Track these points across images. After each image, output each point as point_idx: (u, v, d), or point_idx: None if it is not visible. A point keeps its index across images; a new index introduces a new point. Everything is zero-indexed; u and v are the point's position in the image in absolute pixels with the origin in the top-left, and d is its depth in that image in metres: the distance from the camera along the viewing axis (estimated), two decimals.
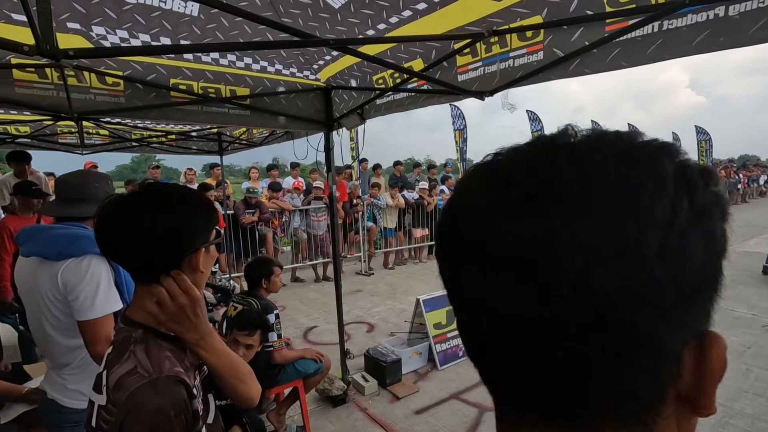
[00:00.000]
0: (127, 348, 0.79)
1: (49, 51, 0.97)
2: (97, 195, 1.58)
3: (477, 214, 0.30)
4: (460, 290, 0.33)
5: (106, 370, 0.77)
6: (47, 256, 1.46)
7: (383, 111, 2.78)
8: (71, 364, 1.53)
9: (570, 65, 1.64)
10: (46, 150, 4.77)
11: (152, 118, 2.69)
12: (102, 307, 1.43)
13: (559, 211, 0.27)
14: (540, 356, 0.29)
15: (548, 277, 0.27)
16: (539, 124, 11.52)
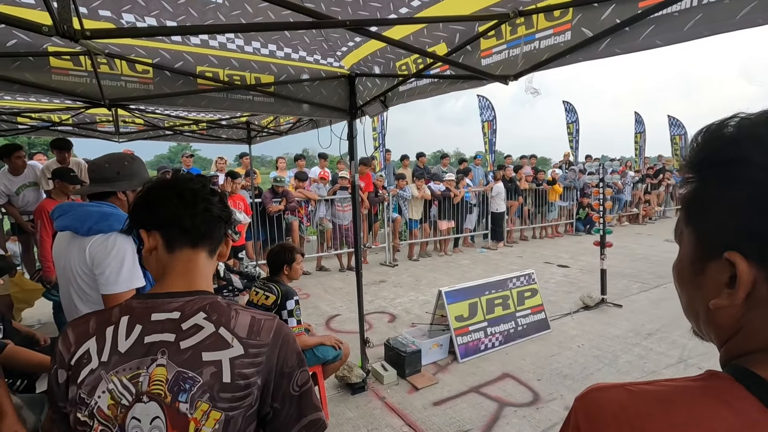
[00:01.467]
0: (225, 308, 0.83)
1: (67, 31, 1.00)
2: (128, 173, 1.65)
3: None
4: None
5: (223, 327, 0.80)
6: (78, 231, 1.53)
7: (406, 98, 2.74)
8: None
9: (599, 45, 1.54)
10: (85, 138, 5.00)
11: (180, 105, 2.75)
12: (126, 283, 1.49)
13: None
14: None
15: None
16: (575, 115, 11.10)
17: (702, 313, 0.47)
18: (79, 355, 0.79)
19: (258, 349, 0.79)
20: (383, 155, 8.58)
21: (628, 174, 11.93)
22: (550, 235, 10.53)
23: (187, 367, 0.76)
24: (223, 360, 0.77)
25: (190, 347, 0.77)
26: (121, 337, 0.79)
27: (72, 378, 0.78)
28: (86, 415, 0.76)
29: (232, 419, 0.75)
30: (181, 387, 0.75)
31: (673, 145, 15.35)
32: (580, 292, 5.54)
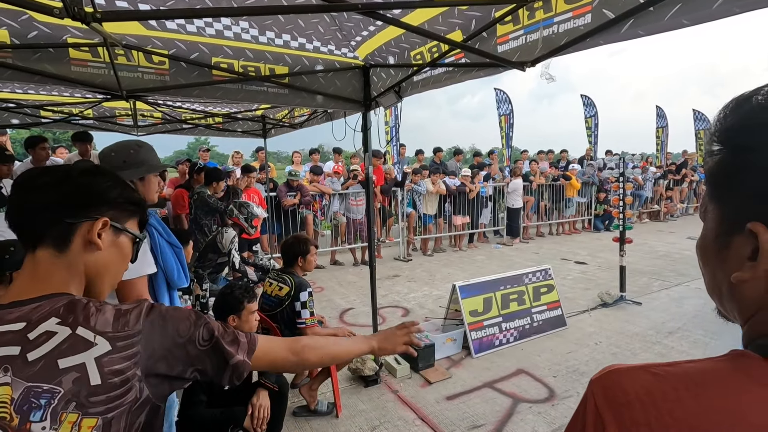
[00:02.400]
0: (84, 305, 0.75)
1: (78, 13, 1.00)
2: (135, 161, 1.65)
3: None
4: None
5: (81, 327, 0.72)
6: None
7: (420, 88, 2.70)
8: None
9: (622, 27, 1.48)
10: (106, 131, 5.11)
11: (195, 97, 2.77)
12: (136, 270, 1.49)
13: None
14: None
15: None
16: (593, 109, 10.83)
17: (725, 289, 0.47)
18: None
19: (129, 340, 0.71)
20: (396, 149, 8.54)
21: (649, 170, 11.62)
22: (568, 231, 10.34)
23: (39, 380, 0.65)
24: (86, 362, 0.68)
25: (41, 357, 0.66)
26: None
27: None
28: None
29: (113, 420, 0.68)
30: (33, 404, 0.64)
31: (698, 140, 14.88)
32: (598, 289, 5.42)
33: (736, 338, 0.49)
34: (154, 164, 1.71)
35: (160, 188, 1.79)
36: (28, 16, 2.14)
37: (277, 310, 2.76)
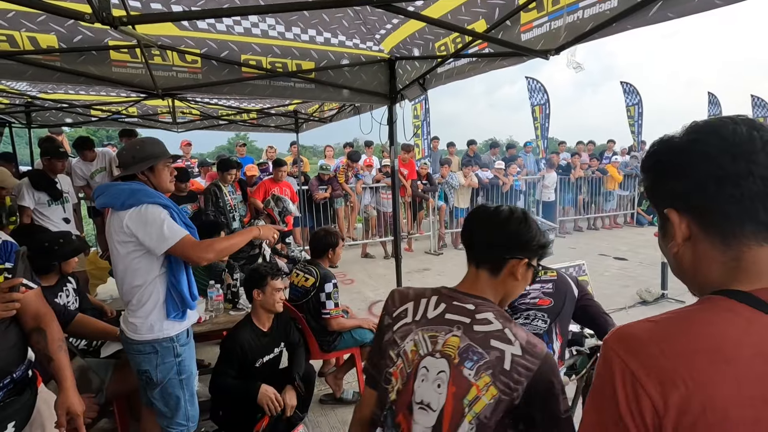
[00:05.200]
0: (507, 318, 0.99)
1: (106, 18, 1.08)
2: (141, 156, 1.80)
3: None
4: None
5: (507, 329, 0.95)
6: (115, 206, 1.73)
7: (444, 79, 2.67)
8: (131, 301, 1.80)
9: (650, 10, 1.40)
10: (148, 128, 5.40)
11: (225, 94, 2.88)
12: (173, 236, 1.69)
13: None
14: None
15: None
16: (636, 97, 10.23)
17: (677, 264, 0.65)
18: (399, 311, 1.07)
19: (531, 360, 0.91)
20: (427, 143, 8.46)
21: None
22: (608, 226, 9.91)
23: (477, 343, 0.94)
24: (505, 351, 0.92)
25: (481, 332, 0.96)
26: (430, 308, 1.03)
27: (391, 324, 1.07)
28: (395, 353, 1.03)
29: (502, 402, 0.90)
30: (469, 356, 0.93)
31: None
32: (638, 286, 5.18)
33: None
34: (159, 154, 1.84)
35: (172, 177, 1.92)
36: (73, 22, 2.29)
37: (302, 301, 2.83)
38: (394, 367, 1.02)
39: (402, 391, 0.99)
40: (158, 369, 1.83)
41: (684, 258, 0.62)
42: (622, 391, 0.53)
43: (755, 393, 0.49)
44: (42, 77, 2.39)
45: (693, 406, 0.49)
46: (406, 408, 0.97)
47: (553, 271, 1.89)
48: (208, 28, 2.55)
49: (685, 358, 0.52)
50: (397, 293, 1.13)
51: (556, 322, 1.78)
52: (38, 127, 5.43)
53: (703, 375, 0.50)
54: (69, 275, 2.58)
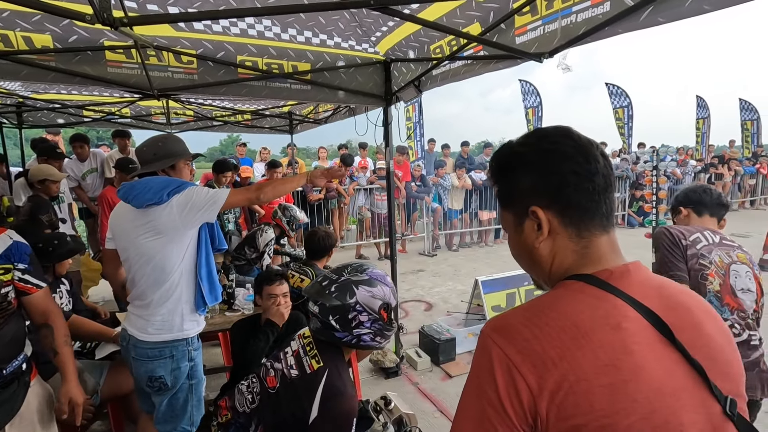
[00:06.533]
0: None
1: (107, 19, 1.08)
2: (163, 153, 1.79)
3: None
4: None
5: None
6: (161, 199, 1.67)
7: (439, 81, 2.70)
8: (152, 299, 1.75)
9: (641, 14, 1.44)
10: (142, 129, 5.36)
11: (222, 94, 2.88)
12: (221, 194, 1.72)
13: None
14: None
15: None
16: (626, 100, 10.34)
17: (533, 258, 0.70)
18: (692, 238, 1.71)
19: None
20: (420, 145, 8.49)
21: (689, 163, 11.07)
22: None
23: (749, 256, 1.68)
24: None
25: (743, 251, 1.76)
26: (713, 238, 1.73)
27: (689, 246, 1.70)
28: (706, 263, 1.66)
29: None
30: (752, 262, 1.72)
31: (744, 132, 14.03)
32: None
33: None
34: (181, 152, 1.84)
35: (192, 175, 1.91)
36: (68, 21, 2.28)
37: (299, 302, 2.84)
38: (708, 270, 1.66)
39: (723, 284, 1.65)
40: (173, 374, 1.79)
41: (543, 251, 0.68)
42: (501, 378, 0.57)
43: (607, 360, 0.55)
44: (37, 77, 2.38)
45: (563, 383, 0.54)
46: (729, 294, 1.65)
47: None
48: (204, 29, 2.55)
49: (552, 339, 0.57)
50: (676, 230, 1.75)
51: None
52: (29, 127, 5.37)
53: (568, 352, 0.56)
54: (62, 276, 2.56)
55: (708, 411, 0.58)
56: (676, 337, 0.59)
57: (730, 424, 0.59)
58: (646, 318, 0.59)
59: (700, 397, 0.58)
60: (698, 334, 0.62)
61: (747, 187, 12.59)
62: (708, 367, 0.59)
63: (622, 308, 0.59)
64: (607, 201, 0.66)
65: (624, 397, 0.54)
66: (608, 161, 0.67)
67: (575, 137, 0.67)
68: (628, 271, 0.64)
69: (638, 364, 0.56)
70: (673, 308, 0.62)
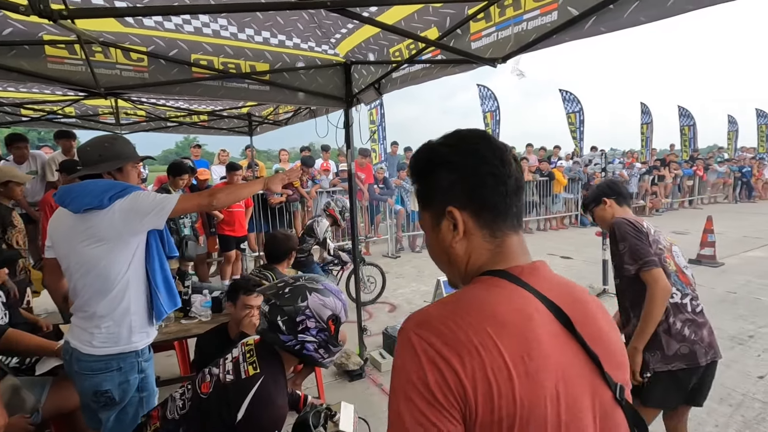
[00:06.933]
0: None
1: (44, 10, 1.01)
2: (110, 155, 1.70)
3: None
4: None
5: None
6: (102, 204, 1.57)
7: (399, 84, 2.73)
8: (95, 311, 1.64)
9: (585, 24, 1.52)
10: (89, 129, 5.06)
11: (175, 94, 2.77)
12: (170, 199, 1.62)
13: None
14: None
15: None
16: (577, 105, 10.91)
17: (449, 257, 0.72)
18: (646, 225, 1.86)
19: None
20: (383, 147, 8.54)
21: (635, 166, 11.78)
22: (554, 227, 10.47)
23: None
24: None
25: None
26: (652, 229, 1.91)
27: (649, 233, 1.83)
28: (662, 247, 1.83)
29: None
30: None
31: (682, 137, 15.13)
32: (582, 282, 5.51)
33: (718, 326, 0.64)
34: (129, 155, 1.74)
35: (140, 178, 1.82)
36: (2, 14, 2.12)
37: None
38: (665, 253, 1.81)
39: (676, 264, 1.84)
40: (121, 387, 1.68)
41: (458, 250, 0.71)
42: (428, 368, 0.57)
43: (523, 349, 0.58)
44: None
45: (487, 370, 0.57)
46: (681, 272, 1.84)
47: None
48: (156, 26, 2.45)
49: (474, 328, 0.59)
50: (633, 219, 1.87)
51: None
52: None
53: (490, 340, 0.58)
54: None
55: (601, 397, 0.63)
56: (576, 329, 0.63)
57: (618, 409, 0.64)
58: (551, 311, 0.63)
59: (595, 384, 0.63)
60: (595, 327, 0.67)
61: (686, 188, 13.55)
62: (603, 358, 0.64)
63: (533, 301, 0.63)
64: (517, 203, 0.70)
65: (538, 385, 0.58)
66: (519, 165, 0.71)
67: (492, 141, 0.70)
68: (536, 268, 0.68)
69: (546, 353, 0.60)
70: (574, 303, 0.66)
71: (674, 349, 1.75)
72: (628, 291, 1.88)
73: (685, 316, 1.79)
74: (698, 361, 1.75)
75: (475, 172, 0.68)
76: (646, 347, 1.78)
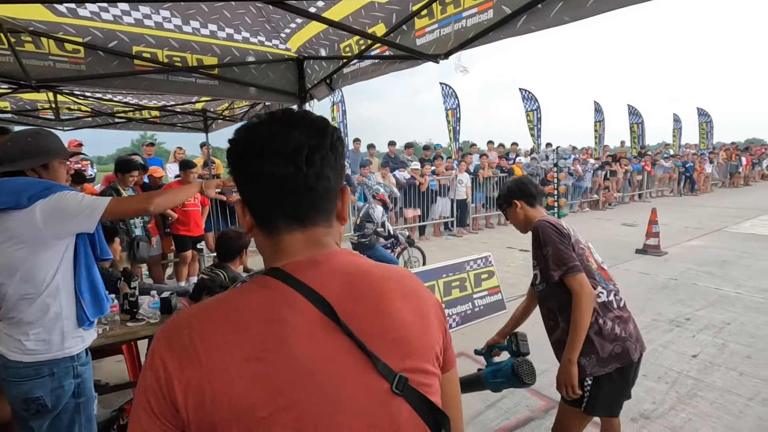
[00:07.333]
0: None
1: None
2: (33, 150, 1.60)
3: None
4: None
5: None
6: (20, 203, 1.47)
7: (350, 80, 2.73)
8: (21, 317, 1.56)
9: (517, 22, 1.59)
10: (26, 126, 4.75)
11: (117, 87, 2.66)
12: (101, 202, 1.54)
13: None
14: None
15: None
16: (535, 103, 11.33)
17: (258, 245, 0.71)
18: (566, 226, 1.85)
19: None
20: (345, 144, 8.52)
21: (588, 162, 12.33)
22: None
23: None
24: None
25: None
26: (572, 229, 1.89)
27: (570, 234, 1.80)
28: (582, 246, 1.82)
29: None
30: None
31: (632, 134, 15.97)
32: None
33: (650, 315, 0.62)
34: (56, 150, 1.65)
35: (68, 175, 1.73)
36: None
37: None
38: (587, 252, 1.81)
39: (595, 261, 1.84)
40: (54, 394, 1.59)
41: (256, 242, 0.71)
42: (150, 375, 0.58)
43: (255, 352, 0.57)
44: None
45: (203, 377, 0.55)
46: (601, 268, 1.84)
47: None
48: (92, 16, 2.33)
49: (204, 335, 0.58)
50: (554, 221, 1.81)
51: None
52: None
53: (214, 347, 0.57)
54: None
55: (374, 390, 0.60)
56: (345, 323, 0.60)
57: (399, 399, 0.61)
58: (318, 307, 0.61)
59: (367, 378, 0.60)
60: (380, 318, 0.64)
61: (635, 182, 14.33)
62: (384, 348, 0.62)
63: (292, 299, 0.61)
64: (294, 204, 0.66)
65: (266, 388, 0.55)
66: (297, 165, 0.64)
67: (261, 133, 0.66)
68: (317, 262, 0.65)
69: (291, 354, 0.57)
70: (355, 297, 0.64)
71: (608, 350, 1.70)
72: (553, 295, 1.80)
73: (614, 314, 1.76)
74: (632, 357, 1.72)
75: (239, 168, 0.66)
76: (581, 353, 1.71)
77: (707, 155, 16.65)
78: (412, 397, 0.63)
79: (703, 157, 16.35)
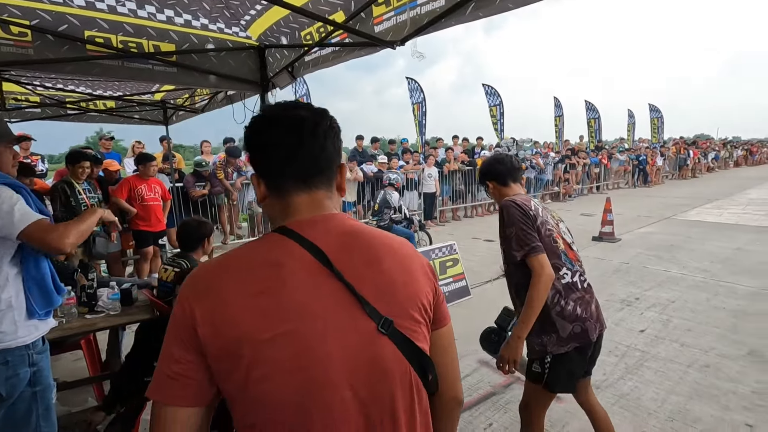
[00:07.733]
0: None
1: None
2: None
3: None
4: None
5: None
6: None
7: (311, 68, 2.76)
8: None
9: (467, 10, 1.67)
10: None
11: (68, 73, 2.57)
12: (25, 219, 1.48)
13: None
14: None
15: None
16: (498, 99, 11.66)
17: (266, 214, 0.86)
18: (533, 206, 1.81)
19: None
20: None
21: (549, 155, 12.80)
22: (481, 213, 11.09)
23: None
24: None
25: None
26: (536, 202, 1.88)
27: (537, 216, 1.78)
28: (550, 227, 1.80)
29: None
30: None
31: (589, 129, 16.68)
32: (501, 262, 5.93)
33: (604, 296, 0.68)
34: (0, 133, 1.59)
35: (16, 161, 1.67)
36: None
37: (170, 298, 2.68)
38: (554, 233, 1.80)
39: (564, 242, 1.82)
40: (9, 382, 1.56)
41: (267, 209, 0.83)
42: (178, 311, 0.71)
43: (256, 289, 0.69)
44: None
45: (216, 308, 0.69)
46: (569, 248, 1.84)
47: None
48: None
49: (220, 276, 0.72)
50: (521, 201, 1.80)
51: None
52: None
53: (226, 285, 0.70)
54: None
55: (361, 329, 0.71)
56: (338, 269, 0.71)
57: (384, 338, 0.71)
58: (314, 256, 0.72)
59: (356, 317, 0.71)
60: (369, 269, 0.74)
61: (593, 175, 14.99)
62: (372, 294, 0.72)
63: (291, 248, 0.73)
64: (299, 168, 0.78)
65: (267, 317, 0.68)
66: (301, 137, 0.78)
67: (270, 118, 0.79)
68: (317, 221, 0.77)
69: (288, 291, 0.69)
70: (349, 249, 0.75)
71: (568, 330, 1.74)
72: (516, 274, 1.82)
73: (576, 295, 1.78)
74: (590, 337, 1.76)
75: (255, 146, 0.80)
76: (543, 331, 1.75)
77: (659, 149, 17.62)
78: (396, 338, 0.72)
79: (655, 150, 17.30)
